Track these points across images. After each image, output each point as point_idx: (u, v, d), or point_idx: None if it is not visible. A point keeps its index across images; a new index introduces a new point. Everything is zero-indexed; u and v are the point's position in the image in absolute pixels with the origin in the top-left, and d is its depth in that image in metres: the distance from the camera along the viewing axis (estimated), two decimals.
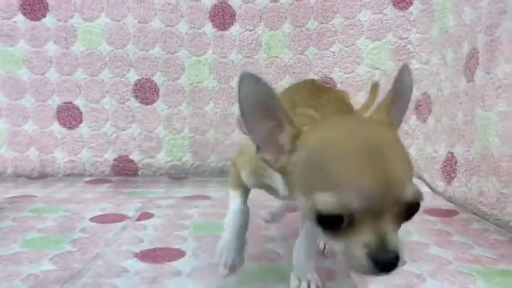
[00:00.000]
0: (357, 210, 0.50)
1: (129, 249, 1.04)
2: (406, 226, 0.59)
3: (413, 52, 1.87)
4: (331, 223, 0.52)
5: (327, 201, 0.50)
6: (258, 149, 0.61)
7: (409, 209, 0.53)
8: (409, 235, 1.18)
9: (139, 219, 1.30)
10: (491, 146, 1.34)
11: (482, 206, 1.38)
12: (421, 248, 1.09)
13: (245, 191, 0.86)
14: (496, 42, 1.31)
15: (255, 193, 0.87)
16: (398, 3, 1.89)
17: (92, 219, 1.29)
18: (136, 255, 1.01)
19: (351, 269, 0.53)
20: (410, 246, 1.10)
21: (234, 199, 0.84)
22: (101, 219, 1.30)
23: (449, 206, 1.51)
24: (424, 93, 1.84)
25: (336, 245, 0.53)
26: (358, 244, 0.51)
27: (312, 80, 1.25)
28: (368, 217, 0.50)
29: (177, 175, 1.98)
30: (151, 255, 1.01)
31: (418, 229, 1.24)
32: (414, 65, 1.87)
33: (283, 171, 0.60)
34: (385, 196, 0.50)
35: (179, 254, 1.02)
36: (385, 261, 0.50)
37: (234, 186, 0.85)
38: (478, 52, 1.40)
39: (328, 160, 0.52)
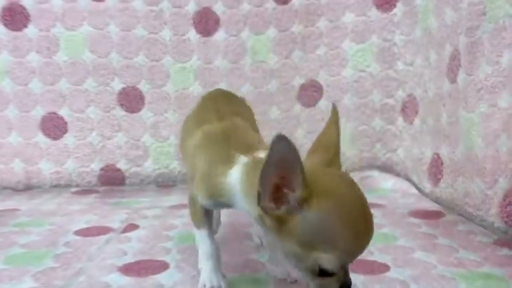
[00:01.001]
0: (343, 265, 0.67)
1: (113, 263, 1.03)
2: (392, 230, 0.87)
3: (397, 54, 1.88)
4: (327, 275, 0.65)
5: (331, 261, 0.64)
6: (259, 196, 0.66)
7: None
8: (395, 240, 1.18)
9: (124, 231, 1.28)
10: (475, 147, 1.34)
11: (468, 207, 1.38)
12: (406, 253, 1.09)
13: (209, 221, 0.92)
14: (476, 43, 1.31)
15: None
16: (381, 5, 1.89)
17: (77, 233, 1.28)
18: (119, 269, 1.00)
19: None
20: (396, 252, 1.10)
21: (203, 239, 0.90)
22: (86, 232, 1.29)
23: (436, 207, 1.51)
24: (410, 95, 1.85)
25: (315, 281, 0.68)
26: (336, 284, 0.68)
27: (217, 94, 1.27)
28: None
29: (165, 183, 1.97)
30: (134, 269, 1.00)
31: (404, 233, 1.23)
32: (399, 66, 1.88)
33: (279, 220, 0.66)
34: (360, 252, 0.67)
35: (163, 266, 1.01)
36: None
37: (198, 224, 0.91)
38: (459, 54, 1.41)
39: (334, 230, 0.64)
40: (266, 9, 1.95)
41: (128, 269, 1.00)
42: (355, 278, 0.94)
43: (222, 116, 0.97)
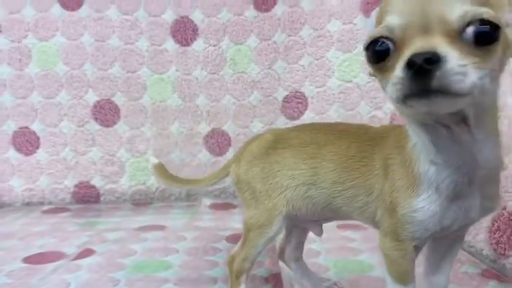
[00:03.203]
0: (395, 28, 0.49)
1: None
2: (370, 258, 0.68)
3: None
4: (377, 52, 0.51)
5: (374, 30, 0.51)
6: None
7: (477, 32, 0.46)
8: (371, 269, 1.06)
9: (77, 257, 1.18)
10: None
11: None
12: (382, 286, 0.97)
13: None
14: None
15: None
16: (368, 12, 1.79)
17: (26, 260, 1.18)
18: None
19: (396, 94, 0.48)
20: (368, 285, 0.98)
21: None
22: (36, 259, 1.19)
23: None
24: None
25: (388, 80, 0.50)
26: (400, 63, 0.47)
27: None
28: (412, 38, 0.48)
29: (142, 200, 1.87)
30: None
31: (382, 261, 1.11)
32: None
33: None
34: (423, 10, 0.47)
35: None
36: (421, 60, 0.44)
37: (406, 278, 0.68)
38: None
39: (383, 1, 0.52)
40: (247, 17, 1.85)
41: None
42: None
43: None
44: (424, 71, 0.44)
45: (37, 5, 1.82)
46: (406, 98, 0.47)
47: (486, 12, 0.46)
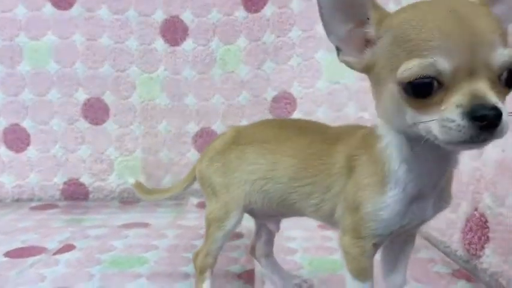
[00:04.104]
0: (444, 70, 0.49)
1: None
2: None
3: None
4: (420, 90, 0.50)
5: (410, 67, 0.50)
6: (339, 51, 0.60)
7: (510, 74, 0.51)
8: (342, 268, 1.07)
9: (57, 252, 1.20)
10: None
11: (433, 232, 1.27)
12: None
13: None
14: None
15: None
16: None
17: (7, 254, 1.20)
18: None
19: (449, 138, 0.49)
20: (338, 284, 0.99)
21: None
22: (18, 253, 1.21)
23: None
24: None
25: (430, 118, 0.51)
26: (451, 106, 0.49)
27: None
28: (459, 80, 0.49)
29: (130, 198, 1.88)
30: None
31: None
32: None
33: (368, 69, 0.59)
34: (472, 55, 0.49)
35: None
36: (484, 115, 0.47)
37: (364, 273, 0.69)
38: None
39: (412, 30, 0.51)
40: (236, 17, 1.87)
41: None
42: None
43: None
44: (492, 125, 0.47)
45: (29, 4, 1.84)
46: (462, 142, 0.49)
47: None
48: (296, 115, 1.88)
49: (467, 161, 1.10)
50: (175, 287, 0.97)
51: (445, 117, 0.49)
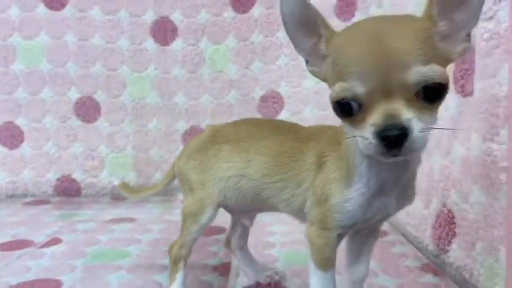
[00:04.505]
0: (360, 93, 0.55)
1: (7, 282, 1.00)
2: None
3: None
4: (344, 109, 0.57)
5: (336, 89, 0.56)
6: (307, 62, 0.66)
7: (429, 90, 0.54)
8: None
9: (44, 245, 1.25)
10: None
11: (409, 228, 1.31)
12: None
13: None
14: None
15: None
16: (342, 14, 1.84)
17: None
18: (10, 287, 0.96)
19: (368, 152, 0.56)
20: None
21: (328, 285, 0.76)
22: (6, 246, 1.26)
23: (383, 226, 1.43)
24: None
25: (357, 133, 0.57)
26: (368, 125, 0.54)
27: None
28: (376, 101, 0.54)
29: (121, 195, 1.92)
30: None
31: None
32: None
33: (325, 80, 0.64)
34: (386, 78, 0.53)
35: (55, 286, 0.97)
36: (389, 135, 0.52)
37: (326, 263, 0.73)
38: None
39: (341, 55, 0.58)
40: (225, 18, 1.91)
41: None
42: None
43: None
44: (396, 144, 0.53)
45: (22, 4, 1.89)
46: (377, 156, 0.56)
47: (437, 75, 0.53)
48: (284, 114, 1.92)
49: (438, 159, 1.14)
50: (153, 279, 1.02)
51: (362, 135, 0.55)
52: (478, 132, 0.92)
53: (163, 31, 1.92)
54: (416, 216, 1.26)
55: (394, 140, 0.52)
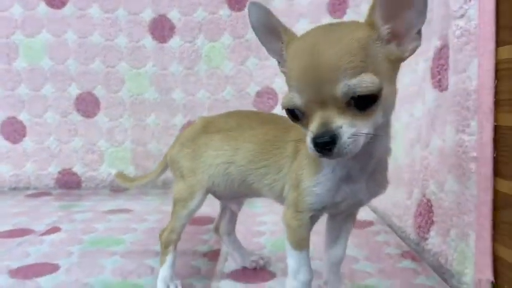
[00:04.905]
0: (300, 104, 0.62)
1: (8, 265, 1.06)
2: None
3: None
4: (292, 115, 0.65)
5: (284, 98, 0.64)
6: (279, 63, 0.72)
7: (358, 100, 0.59)
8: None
9: (44, 234, 1.31)
10: (399, 156, 1.32)
11: (394, 218, 1.36)
12: None
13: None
14: None
15: None
16: (334, 11, 1.89)
17: None
18: (10, 271, 1.02)
19: (312, 154, 0.63)
20: None
21: (303, 264, 0.79)
22: (7, 234, 1.32)
23: (370, 217, 1.48)
24: None
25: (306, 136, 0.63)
26: (309, 131, 0.61)
27: None
28: (313, 110, 0.61)
29: (120, 187, 1.98)
30: (23, 271, 1.02)
31: (317, 241, 1.22)
32: None
33: None
34: (317, 92, 0.60)
35: (53, 269, 1.03)
36: (319, 143, 0.60)
37: (300, 243, 0.78)
38: None
39: (289, 66, 0.65)
40: (221, 16, 1.96)
41: (18, 272, 1.02)
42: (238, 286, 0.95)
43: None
44: (326, 149, 0.60)
45: (25, 3, 1.95)
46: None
47: (364, 86, 0.58)
48: (278, 109, 1.97)
49: (419, 151, 1.19)
50: (146, 263, 1.07)
51: (306, 140, 0.62)
52: (451, 124, 0.97)
53: (161, 29, 1.97)
54: (400, 206, 1.31)
55: (323, 146, 0.59)
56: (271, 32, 0.70)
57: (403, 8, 0.62)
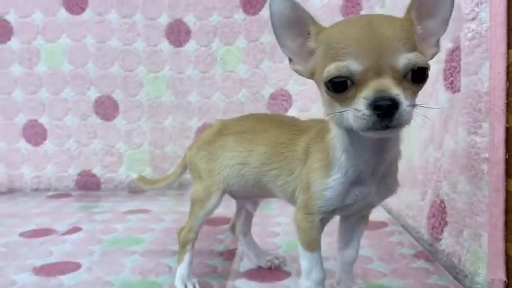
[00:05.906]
0: (355, 70, 0.60)
1: (32, 263, 1.10)
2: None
3: None
4: (336, 87, 0.62)
5: (330, 69, 0.61)
6: (290, 61, 0.72)
7: (415, 73, 0.60)
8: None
9: (65, 233, 1.35)
10: (412, 158, 1.33)
11: (408, 219, 1.37)
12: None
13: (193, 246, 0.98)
14: None
15: None
16: (347, 14, 1.90)
17: (22, 234, 1.36)
18: (34, 268, 1.07)
19: (358, 125, 0.61)
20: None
21: (316, 264, 0.81)
22: (31, 233, 1.37)
23: (384, 218, 1.50)
24: None
25: (349, 109, 0.62)
26: (360, 99, 0.59)
27: None
28: (368, 78, 0.60)
29: (138, 188, 2.03)
30: (47, 269, 1.06)
31: (331, 242, 1.23)
32: None
33: (312, 75, 0.70)
34: (378, 59, 0.59)
35: (75, 267, 1.07)
36: (381, 105, 0.57)
37: (313, 244, 0.80)
38: None
39: (335, 40, 0.63)
40: (236, 20, 1.99)
41: (41, 270, 1.06)
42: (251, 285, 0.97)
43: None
44: (387, 113, 0.58)
45: (45, 9, 2.01)
46: (368, 129, 0.60)
47: (421, 60, 0.60)
48: (292, 111, 1.99)
49: (432, 152, 1.20)
50: (164, 262, 1.11)
51: (355, 108, 0.60)
52: (463, 126, 0.98)
53: (178, 33, 2.01)
54: (414, 208, 1.32)
55: (386, 109, 0.57)
56: (295, 26, 0.69)
57: (431, 15, 0.65)
